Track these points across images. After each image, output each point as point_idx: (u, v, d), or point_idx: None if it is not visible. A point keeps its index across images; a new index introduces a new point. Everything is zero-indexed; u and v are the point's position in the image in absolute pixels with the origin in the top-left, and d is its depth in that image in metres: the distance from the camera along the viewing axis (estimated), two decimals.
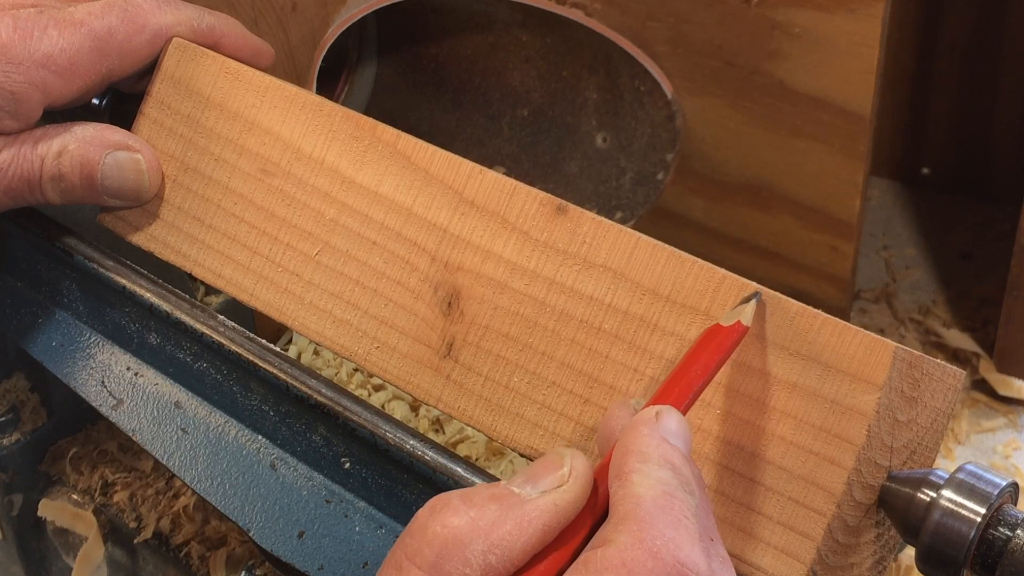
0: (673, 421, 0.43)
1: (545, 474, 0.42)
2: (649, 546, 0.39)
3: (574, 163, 0.99)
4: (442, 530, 0.40)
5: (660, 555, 0.39)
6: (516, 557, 0.40)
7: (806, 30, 0.85)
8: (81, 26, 0.62)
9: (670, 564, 0.39)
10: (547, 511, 0.41)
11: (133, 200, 0.65)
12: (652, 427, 0.43)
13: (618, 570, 0.38)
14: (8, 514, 0.82)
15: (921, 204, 1.17)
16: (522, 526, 0.40)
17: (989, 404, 0.95)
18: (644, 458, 0.42)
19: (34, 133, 0.63)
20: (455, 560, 0.39)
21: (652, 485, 0.41)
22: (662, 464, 0.41)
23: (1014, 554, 0.44)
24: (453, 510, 0.41)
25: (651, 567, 0.38)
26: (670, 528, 0.39)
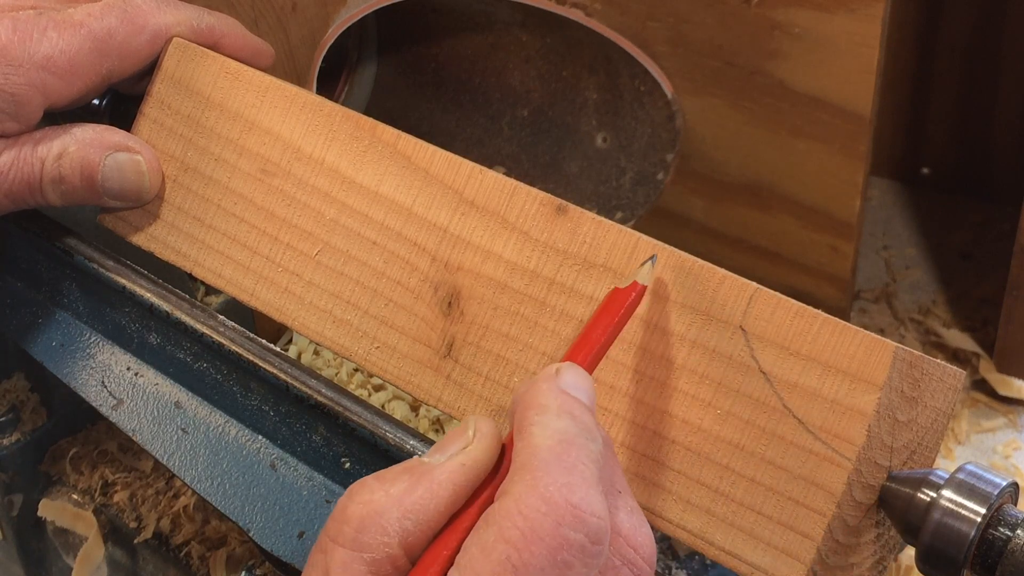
0: (573, 375, 0.44)
1: (452, 441, 0.44)
2: (542, 492, 0.40)
3: (574, 163, 0.99)
4: (359, 507, 0.41)
5: (553, 499, 0.39)
6: (431, 520, 0.41)
7: (806, 30, 0.85)
8: (80, 27, 0.62)
9: (563, 507, 0.39)
10: (455, 472, 0.42)
11: (134, 201, 0.65)
12: (552, 381, 0.44)
13: (514, 518, 0.39)
14: (8, 514, 0.82)
15: (921, 204, 1.17)
16: (432, 490, 0.42)
17: (989, 404, 0.95)
18: (543, 410, 0.42)
19: (34, 135, 0.63)
20: (373, 531, 0.41)
21: (550, 435, 0.41)
22: (560, 414, 0.42)
23: (1014, 554, 0.44)
24: (368, 488, 0.42)
25: (544, 511, 0.39)
26: (564, 474, 0.40)
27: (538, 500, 0.39)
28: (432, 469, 0.42)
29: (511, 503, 0.40)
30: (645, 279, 0.50)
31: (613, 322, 0.48)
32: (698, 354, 0.50)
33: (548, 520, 0.39)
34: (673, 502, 0.50)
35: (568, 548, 0.39)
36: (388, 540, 0.41)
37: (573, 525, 0.39)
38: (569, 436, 0.42)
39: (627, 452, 0.51)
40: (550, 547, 0.39)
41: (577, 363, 0.46)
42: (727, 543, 0.48)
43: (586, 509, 0.40)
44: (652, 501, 0.50)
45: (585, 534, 0.39)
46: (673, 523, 0.49)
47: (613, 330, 0.48)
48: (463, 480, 0.42)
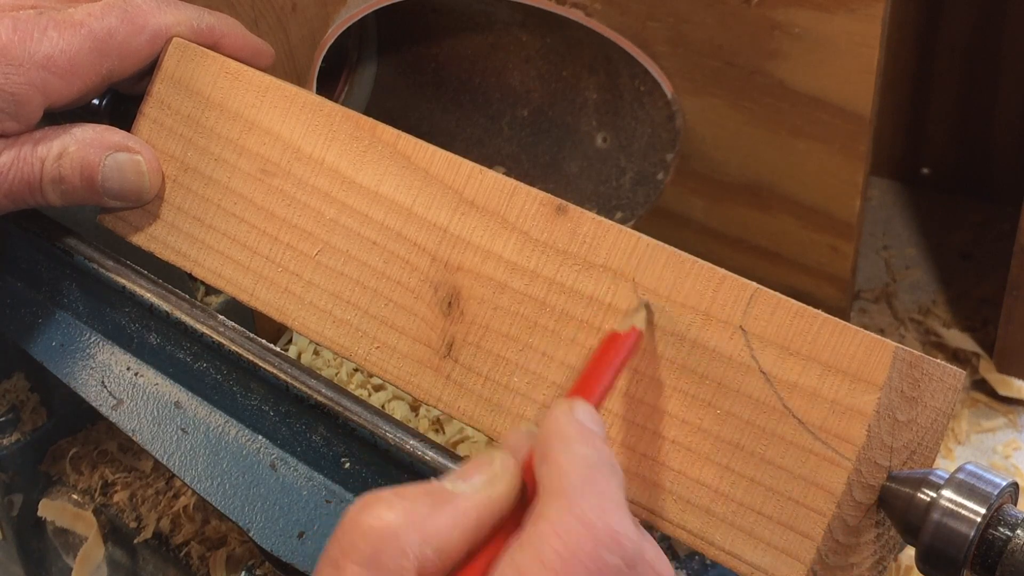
0: (586, 409, 0.44)
1: (477, 471, 0.43)
2: (579, 515, 0.39)
3: (574, 163, 0.99)
4: (377, 523, 0.40)
5: (592, 523, 0.39)
6: (452, 550, 0.40)
7: (806, 30, 0.85)
8: (81, 27, 0.62)
9: (602, 531, 0.39)
10: (480, 503, 0.41)
11: (134, 201, 0.65)
12: (569, 414, 0.44)
13: (551, 541, 0.39)
14: (8, 514, 0.82)
15: (921, 204, 1.17)
16: (457, 518, 0.40)
17: (989, 404, 0.95)
18: (565, 438, 0.42)
19: (33, 135, 0.63)
20: (391, 552, 0.39)
21: (576, 461, 0.41)
22: (583, 442, 0.42)
23: (1014, 554, 0.44)
24: (387, 504, 0.41)
25: (584, 534, 0.39)
26: (597, 498, 0.40)
27: (575, 523, 0.39)
28: (456, 497, 0.41)
29: (547, 526, 0.39)
30: (641, 324, 0.50)
31: (614, 367, 0.48)
32: (698, 354, 0.50)
33: (586, 543, 0.39)
34: (673, 502, 0.50)
35: (607, 571, 0.39)
36: (406, 564, 0.39)
37: (611, 548, 0.39)
38: (595, 463, 0.41)
39: (627, 452, 0.51)
40: (589, 570, 0.38)
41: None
42: (727, 543, 0.48)
43: (623, 532, 0.39)
44: (652, 501, 0.50)
45: (622, 557, 0.39)
46: (673, 523, 0.49)
47: (614, 376, 0.48)
48: (487, 514, 0.41)
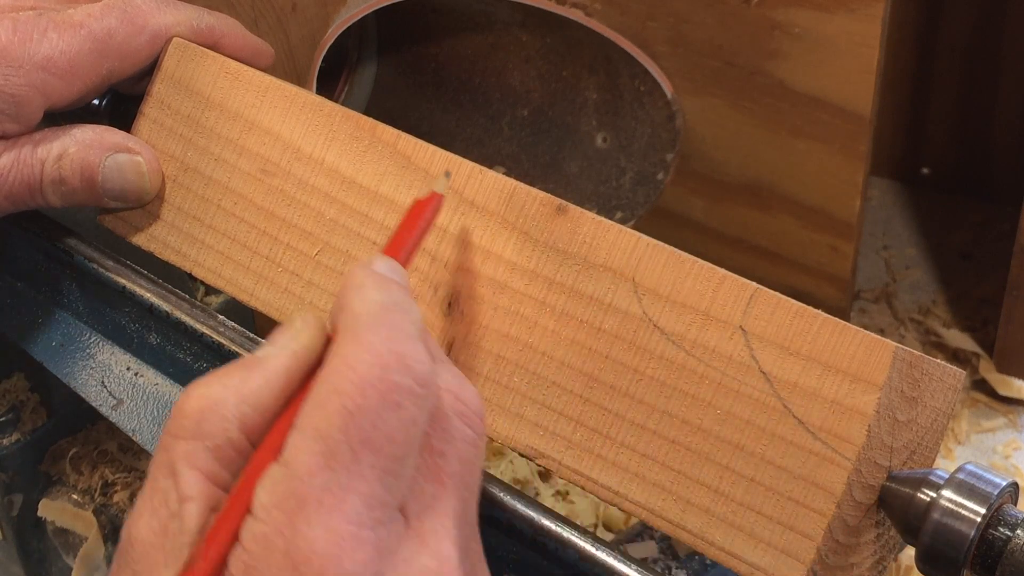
0: (386, 262, 0.48)
1: (281, 334, 0.46)
2: (367, 345, 0.42)
3: (574, 163, 0.99)
4: (197, 401, 0.43)
5: (378, 350, 0.42)
6: (268, 404, 0.43)
7: (806, 30, 0.85)
8: (80, 28, 0.62)
9: (389, 355, 0.42)
10: (287, 359, 0.44)
11: (134, 202, 0.65)
12: (367, 267, 0.47)
13: (344, 373, 0.41)
14: (8, 514, 0.82)
15: (921, 204, 1.17)
16: (267, 376, 0.44)
17: (989, 404, 0.95)
18: (360, 286, 0.45)
19: (33, 137, 0.63)
20: (213, 419, 0.42)
21: (368, 304, 0.44)
22: (377, 288, 0.45)
23: (1014, 554, 0.44)
24: (203, 383, 0.44)
25: (371, 361, 0.41)
26: (387, 330, 0.43)
27: (365, 352, 0.42)
28: (266, 359, 0.45)
29: (339, 361, 0.42)
30: (441, 188, 0.53)
31: (420, 227, 0.52)
32: (698, 354, 0.50)
33: (376, 368, 0.41)
34: (673, 502, 0.50)
35: (398, 391, 0.41)
36: (228, 426, 0.42)
37: (400, 370, 0.42)
38: (388, 304, 0.44)
39: (627, 452, 0.51)
40: (380, 391, 0.41)
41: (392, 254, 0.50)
42: (727, 543, 0.48)
43: (410, 356, 0.42)
44: (652, 501, 0.50)
45: (412, 378, 0.42)
46: (673, 523, 0.50)
47: (420, 235, 0.52)
48: (295, 365, 0.44)
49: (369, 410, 0.41)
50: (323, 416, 0.41)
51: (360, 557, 0.39)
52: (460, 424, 0.45)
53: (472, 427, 0.45)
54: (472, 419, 0.45)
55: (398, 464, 0.41)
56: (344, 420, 0.41)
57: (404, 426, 0.41)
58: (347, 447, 0.40)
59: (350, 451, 0.40)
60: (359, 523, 0.40)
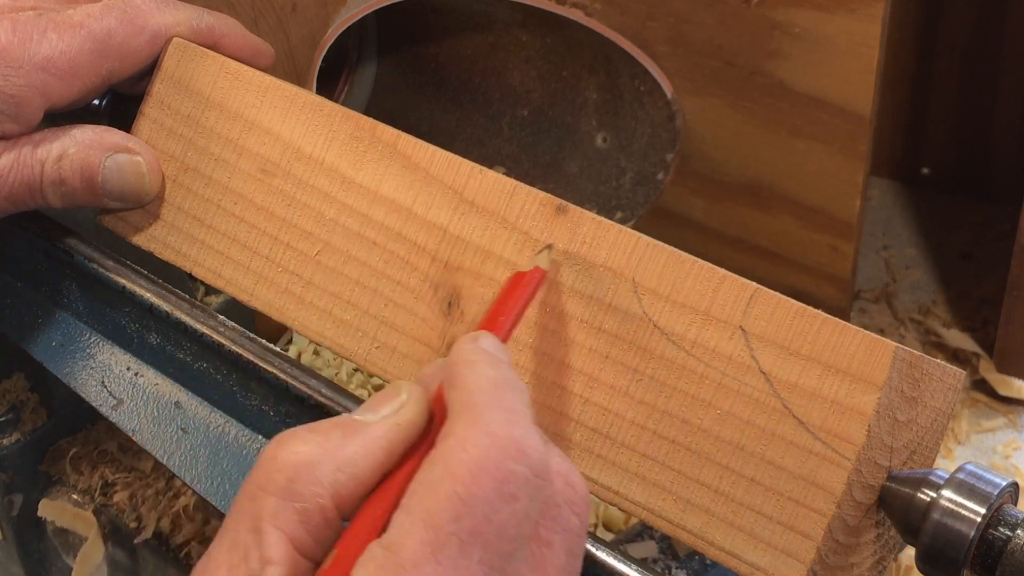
0: (491, 339, 0.46)
1: (385, 402, 0.44)
2: (485, 428, 0.40)
3: (574, 163, 0.99)
4: (292, 456, 0.41)
5: (496, 434, 0.40)
6: (364, 475, 0.42)
7: (806, 30, 0.85)
8: (80, 28, 0.62)
9: (506, 441, 0.40)
10: (389, 430, 0.43)
11: (134, 202, 0.65)
12: (474, 343, 0.46)
13: (459, 455, 0.40)
14: (8, 514, 0.82)
15: (921, 204, 1.17)
16: (367, 445, 0.42)
17: (989, 404, 0.95)
18: (471, 362, 0.44)
19: (33, 138, 0.63)
20: (306, 480, 0.41)
21: (482, 380, 0.43)
22: (489, 364, 0.44)
23: (1014, 554, 0.44)
24: (300, 438, 0.42)
25: (488, 444, 0.40)
26: (503, 412, 0.41)
27: (481, 435, 0.40)
28: (367, 426, 0.43)
29: (455, 442, 0.40)
30: (545, 263, 0.52)
31: (521, 303, 0.51)
32: (698, 354, 0.50)
33: (492, 453, 0.40)
34: (673, 502, 0.50)
35: (514, 480, 0.40)
36: (320, 491, 0.41)
37: (517, 458, 0.40)
38: (501, 381, 0.43)
39: (627, 452, 0.51)
40: (496, 479, 0.39)
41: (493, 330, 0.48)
42: (727, 543, 0.48)
43: (527, 443, 0.40)
44: (652, 501, 0.50)
45: (528, 466, 0.40)
46: (673, 523, 0.50)
47: (520, 311, 0.51)
48: (397, 439, 0.43)
49: (483, 500, 0.39)
50: (435, 500, 0.39)
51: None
52: (569, 513, 0.43)
53: (579, 516, 0.43)
54: (580, 507, 0.43)
55: (507, 561, 0.40)
56: (456, 508, 0.39)
57: (517, 520, 0.40)
58: (457, 539, 0.38)
59: (460, 544, 0.38)
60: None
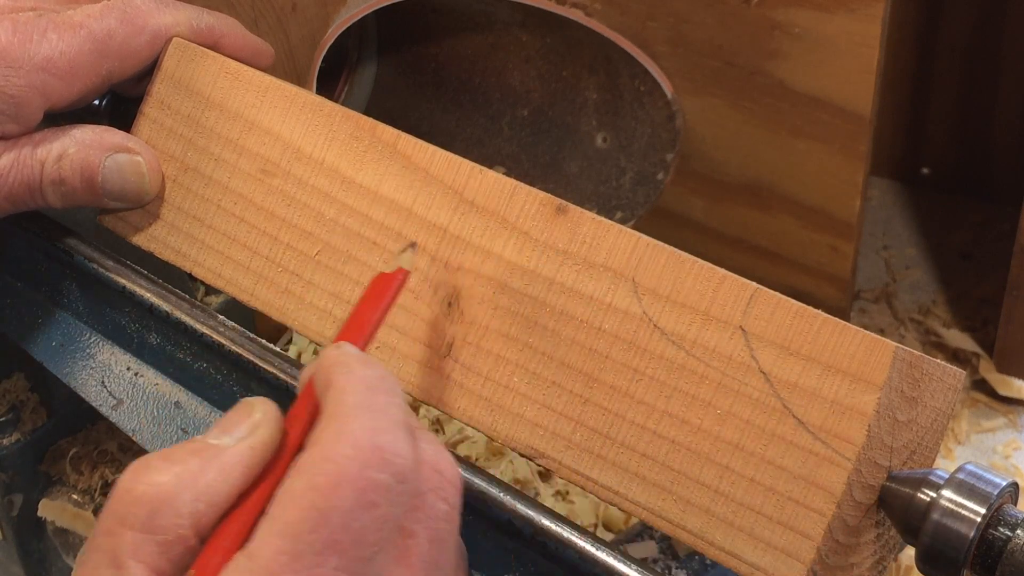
0: (352, 349, 0.47)
1: (238, 423, 0.45)
2: (349, 437, 0.41)
3: (574, 163, 0.99)
4: (149, 488, 0.42)
5: (360, 444, 0.41)
6: (222, 501, 0.42)
7: (806, 30, 0.85)
8: (80, 29, 0.62)
9: (368, 450, 0.41)
10: (244, 454, 0.44)
11: (134, 202, 0.65)
12: (343, 347, 0.46)
13: (321, 465, 0.40)
14: (8, 514, 0.82)
15: (921, 204, 1.17)
16: (224, 472, 0.43)
17: (989, 404, 0.95)
18: (345, 364, 0.44)
19: (33, 138, 0.63)
20: (166, 513, 0.41)
21: (356, 381, 0.43)
22: (365, 365, 0.44)
23: (1014, 554, 0.44)
24: (156, 469, 0.43)
25: (351, 455, 0.41)
26: (370, 418, 0.42)
27: (344, 446, 0.41)
28: (222, 451, 0.44)
29: (318, 452, 0.41)
30: (407, 264, 0.52)
31: (381, 308, 0.51)
32: (698, 354, 0.50)
33: (354, 464, 0.41)
34: (673, 502, 0.50)
35: (375, 489, 0.41)
36: (181, 522, 0.41)
37: (380, 467, 0.41)
38: (375, 383, 0.44)
39: (627, 452, 0.51)
40: (356, 489, 0.40)
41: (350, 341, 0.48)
42: (727, 543, 0.48)
43: (391, 450, 0.41)
44: (652, 501, 0.50)
45: (391, 474, 0.41)
46: (673, 523, 0.50)
47: (381, 315, 0.51)
48: (253, 462, 0.44)
49: (342, 510, 0.40)
50: (294, 511, 0.40)
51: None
52: (434, 500, 0.44)
53: (447, 500, 0.44)
54: (447, 491, 0.44)
55: (367, 565, 0.41)
56: (315, 519, 0.40)
57: (377, 525, 0.41)
58: (313, 548, 0.40)
59: (315, 553, 0.40)
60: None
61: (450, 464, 0.45)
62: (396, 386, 0.44)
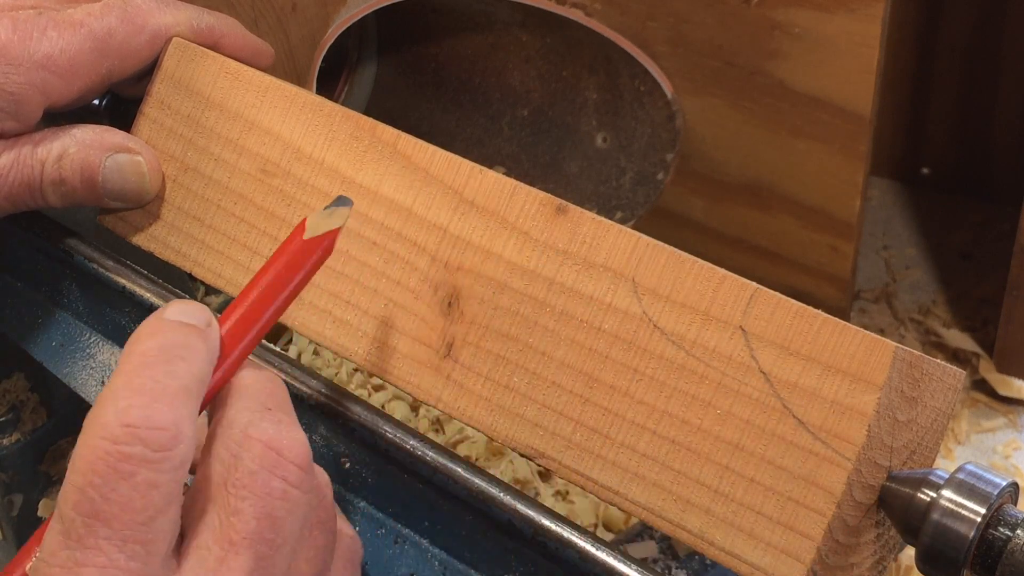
0: (179, 305, 0.48)
1: None
2: (100, 420, 0.43)
3: (574, 163, 0.99)
4: None
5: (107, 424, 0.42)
6: None
7: (806, 30, 0.85)
8: (81, 27, 0.62)
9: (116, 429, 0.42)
10: None
11: (135, 202, 0.65)
12: (155, 315, 0.47)
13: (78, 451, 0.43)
14: (8, 514, 0.82)
15: (921, 204, 1.17)
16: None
17: (989, 404, 0.95)
18: (134, 339, 0.46)
19: (33, 137, 0.63)
20: None
21: (130, 360, 0.45)
22: (150, 336, 0.46)
23: (1014, 554, 0.44)
24: None
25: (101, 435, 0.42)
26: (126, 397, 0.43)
27: (97, 427, 0.43)
28: None
29: (79, 439, 0.43)
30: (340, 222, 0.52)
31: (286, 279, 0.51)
32: (698, 354, 0.50)
33: (105, 443, 0.42)
34: (673, 502, 0.50)
35: (128, 460, 0.42)
36: None
37: (128, 440, 0.42)
38: (149, 357, 0.45)
39: (627, 452, 0.51)
40: (109, 464, 0.42)
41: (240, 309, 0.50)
42: (727, 543, 0.48)
43: (142, 424, 0.42)
44: (652, 501, 0.50)
45: (144, 445, 0.42)
46: (673, 523, 0.50)
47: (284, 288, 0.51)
48: None
49: (96, 484, 0.42)
50: (63, 496, 0.42)
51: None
52: (267, 476, 0.44)
53: (285, 478, 0.45)
54: (286, 469, 0.45)
55: (143, 530, 0.42)
56: (75, 498, 0.42)
57: (140, 492, 0.42)
58: (80, 523, 0.41)
59: (84, 526, 0.41)
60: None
61: (293, 443, 0.45)
62: (188, 355, 0.45)
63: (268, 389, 0.48)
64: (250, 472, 0.44)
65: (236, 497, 0.44)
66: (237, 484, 0.44)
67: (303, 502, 0.45)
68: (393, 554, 0.55)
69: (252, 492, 0.44)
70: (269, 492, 0.44)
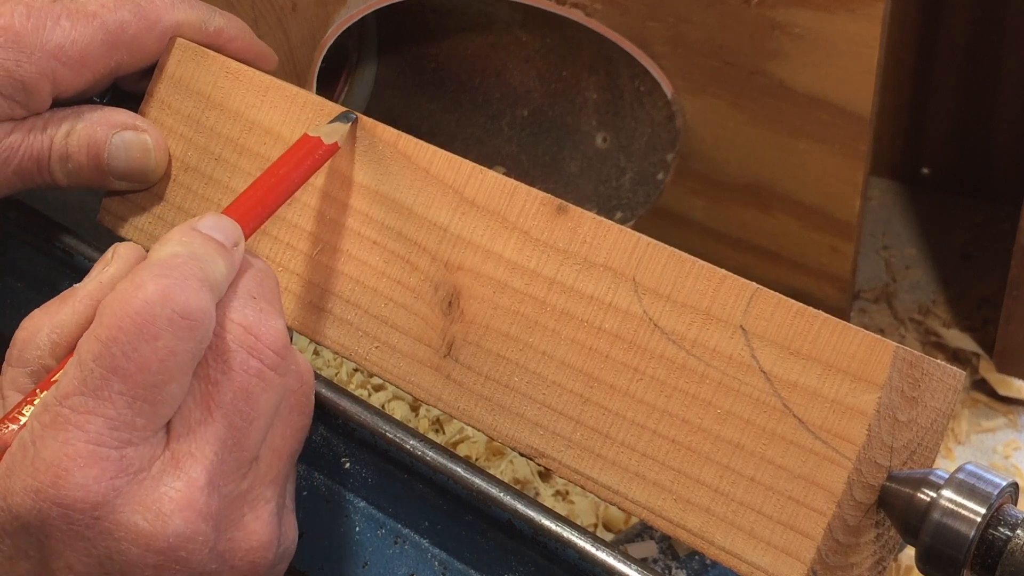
0: (211, 219, 0.52)
1: (97, 266, 0.52)
2: (137, 280, 0.46)
3: (574, 163, 0.99)
4: (22, 332, 0.50)
5: (145, 285, 0.46)
6: (73, 331, 0.49)
7: (806, 30, 0.85)
8: (94, 18, 0.62)
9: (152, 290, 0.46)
10: (92, 288, 0.50)
11: (140, 181, 0.65)
12: (186, 225, 0.51)
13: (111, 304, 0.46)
14: None
15: (921, 204, 1.17)
16: (74, 306, 0.49)
17: (989, 404, 0.95)
18: (166, 240, 0.50)
19: (43, 116, 0.63)
20: (31, 348, 0.49)
21: (161, 252, 0.49)
22: (179, 242, 0.49)
23: (1014, 554, 0.44)
24: (31, 315, 0.51)
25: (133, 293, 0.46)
26: (163, 268, 0.47)
27: (131, 286, 0.46)
28: (76, 290, 0.50)
29: (111, 295, 0.47)
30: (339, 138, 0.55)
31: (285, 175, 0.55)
32: (698, 353, 0.50)
33: (136, 299, 0.46)
34: (673, 502, 0.50)
35: (155, 322, 0.45)
36: (41, 353, 0.49)
37: (161, 303, 0.46)
38: (180, 256, 0.48)
39: (627, 452, 0.51)
40: (137, 323, 0.45)
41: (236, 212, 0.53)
42: (727, 542, 0.48)
43: (177, 293, 0.46)
44: (652, 500, 0.50)
45: (174, 309, 0.46)
46: (673, 523, 0.50)
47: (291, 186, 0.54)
48: (99, 294, 0.49)
49: (121, 341, 0.45)
50: (84, 344, 0.46)
51: (93, 472, 0.44)
52: (245, 356, 0.48)
53: (262, 359, 0.49)
54: (262, 352, 0.49)
55: (153, 391, 0.45)
56: (98, 349, 0.45)
57: (159, 356, 0.45)
58: (98, 374, 0.45)
59: (100, 378, 0.45)
60: (99, 442, 0.45)
61: (271, 329, 0.50)
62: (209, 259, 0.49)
63: (257, 279, 0.52)
64: (230, 350, 0.48)
65: (216, 370, 0.48)
66: (218, 359, 0.48)
67: (278, 384, 0.49)
68: (393, 554, 0.56)
69: (230, 367, 0.48)
70: (246, 369, 0.48)
